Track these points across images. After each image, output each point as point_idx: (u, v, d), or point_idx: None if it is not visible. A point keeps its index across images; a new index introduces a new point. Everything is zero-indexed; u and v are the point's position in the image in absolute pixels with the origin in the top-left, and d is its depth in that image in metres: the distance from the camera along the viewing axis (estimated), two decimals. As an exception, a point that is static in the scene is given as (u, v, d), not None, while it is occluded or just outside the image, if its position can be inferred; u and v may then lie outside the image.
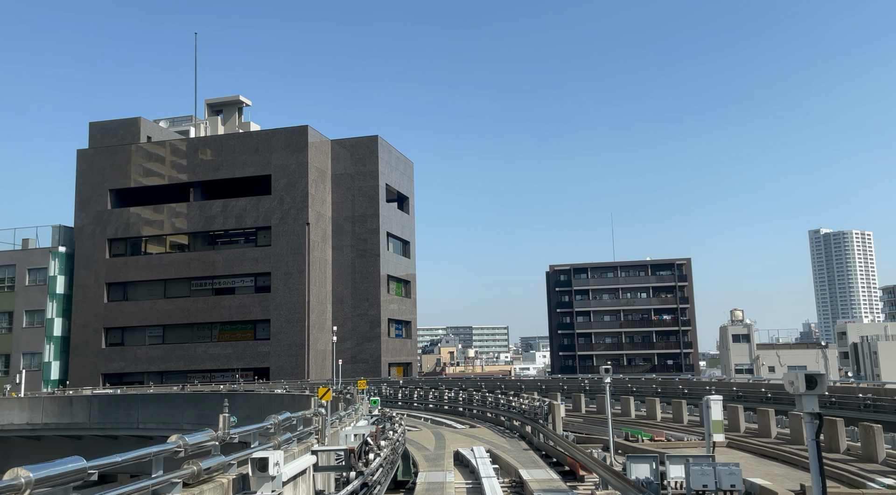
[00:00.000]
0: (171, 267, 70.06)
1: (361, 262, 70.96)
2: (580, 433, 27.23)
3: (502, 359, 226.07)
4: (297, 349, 66.17)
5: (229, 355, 67.68)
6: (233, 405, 39.98)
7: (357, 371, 68.84)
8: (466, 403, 36.31)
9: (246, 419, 36.22)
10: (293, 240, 67.47)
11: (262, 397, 36.11)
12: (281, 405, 33.87)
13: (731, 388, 38.76)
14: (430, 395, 41.05)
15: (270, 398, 35.30)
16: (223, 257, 69.10)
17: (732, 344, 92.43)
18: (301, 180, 68.14)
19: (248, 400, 36.92)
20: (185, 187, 71.78)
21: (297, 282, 66.85)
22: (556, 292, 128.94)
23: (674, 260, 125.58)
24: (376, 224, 71.34)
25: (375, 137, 72.86)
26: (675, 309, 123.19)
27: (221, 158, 70.44)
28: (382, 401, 47.00)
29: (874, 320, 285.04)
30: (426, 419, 35.79)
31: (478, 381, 50.09)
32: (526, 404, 26.33)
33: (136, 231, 71.25)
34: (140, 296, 70.82)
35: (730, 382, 41.03)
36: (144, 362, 69.35)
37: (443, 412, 38.85)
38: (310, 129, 69.30)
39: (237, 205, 69.52)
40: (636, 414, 37.58)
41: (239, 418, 33.67)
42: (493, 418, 33.16)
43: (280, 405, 33.99)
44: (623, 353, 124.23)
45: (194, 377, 68.62)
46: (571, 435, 20.47)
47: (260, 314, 67.61)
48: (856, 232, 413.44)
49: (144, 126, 75.13)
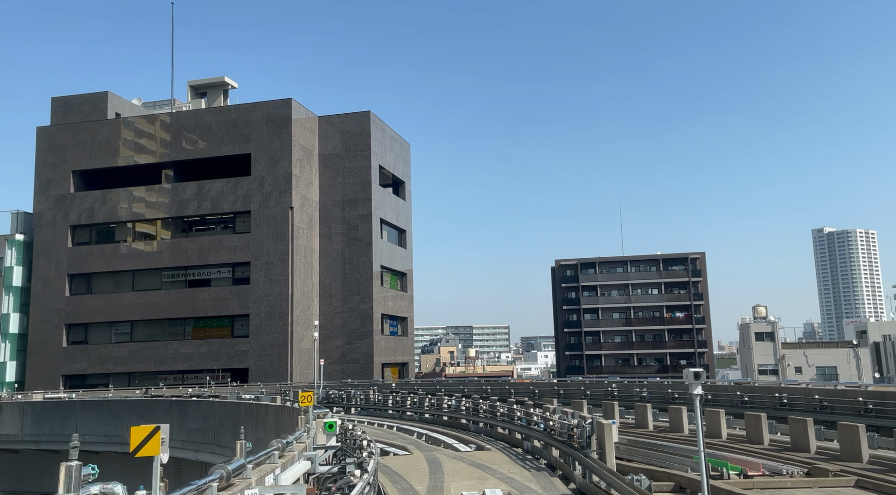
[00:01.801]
0: (140, 256, 62.99)
1: (352, 251, 63.93)
2: (619, 458, 20.22)
3: (503, 358, 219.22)
4: (278, 348, 59.14)
5: (204, 354, 60.64)
6: (184, 415, 33.22)
7: (347, 372, 61.91)
8: (471, 414, 29.34)
9: (198, 433, 29.13)
10: (275, 226, 60.44)
11: (217, 406, 29.09)
12: (237, 417, 26.96)
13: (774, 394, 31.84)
14: (426, 403, 33.92)
15: (226, 407, 28.28)
16: (197, 245, 62.06)
17: (755, 342, 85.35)
18: (284, 159, 61.08)
19: (201, 410, 29.90)
20: (156, 168, 64.73)
21: (280, 273, 59.81)
22: (563, 288, 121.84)
23: (687, 254, 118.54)
24: (368, 209, 64.29)
25: (367, 113, 65.80)
26: (688, 305, 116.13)
27: (196, 136, 63.39)
28: (370, 409, 39.99)
29: (878, 319, 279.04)
30: (420, 435, 28.76)
31: (482, 385, 43.05)
32: (555, 420, 19.31)
33: (101, 217, 64.17)
34: (106, 289, 63.77)
35: (780, 387, 34.01)
36: (110, 362, 62.29)
37: (442, 425, 31.87)
38: (294, 103, 62.22)
39: (213, 188, 62.45)
40: (654, 426, 30.63)
41: (190, 431, 26.06)
42: (505, 435, 26.12)
43: (236, 417, 27.07)
44: (633, 353, 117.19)
45: (165, 378, 61.70)
46: (645, 480, 13.48)
47: (238, 308, 60.57)
48: (860, 230, 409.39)
49: (113, 101, 68.03)
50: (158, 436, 8.14)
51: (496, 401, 28.07)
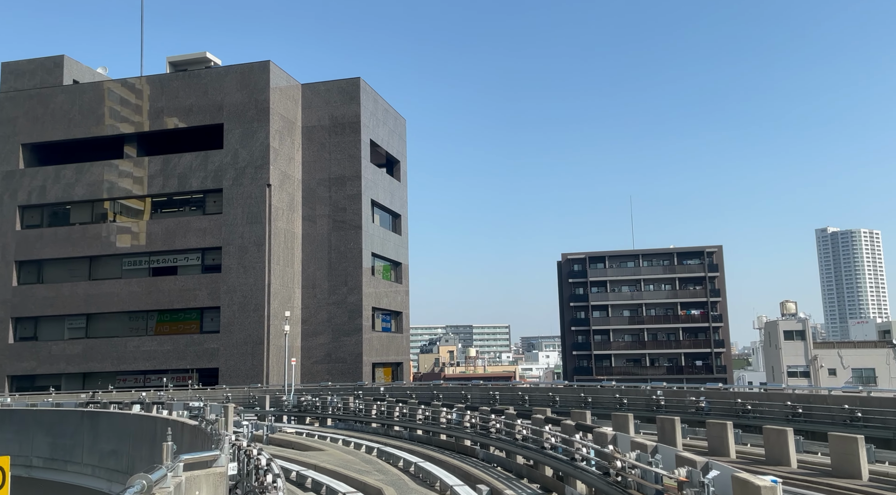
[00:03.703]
0: (97, 240, 55.35)
1: (339, 236, 56.30)
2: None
3: (505, 359, 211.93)
4: (253, 346, 51.51)
5: (168, 352, 53.01)
6: (96, 432, 25.45)
7: (333, 373, 54.36)
8: (478, 432, 21.62)
9: (111, 456, 21.39)
10: (250, 207, 52.83)
11: (132, 422, 21.41)
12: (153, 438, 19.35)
13: (847, 406, 24.39)
14: (419, 415, 26.08)
15: (143, 424, 20.61)
16: (162, 228, 54.43)
17: (784, 341, 77.66)
18: (261, 130, 53.44)
19: (115, 425, 22.24)
20: (117, 141, 57.06)
21: (255, 260, 52.21)
22: (570, 284, 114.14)
23: (703, 247, 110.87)
24: (358, 188, 56.64)
25: (357, 80, 58.12)
26: (704, 302, 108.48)
27: (162, 104, 55.73)
28: (350, 420, 31.97)
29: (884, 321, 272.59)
30: (407, 464, 20.84)
31: (489, 390, 35.26)
32: (627, 461, 11.52)
33: (54, 196, 56.53)
34: (59, 278, 56.15)
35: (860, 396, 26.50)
36: (62, 361, 54.64)
37: (438, 446, 24.09)
38: (273, 67, 54.56)
39: (180, 163, 54.80)
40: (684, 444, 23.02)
41: (103, 454, 17.52)
42: (531, 467, 18.28)
43: (153, 438, 19.46)
44: (645, 353, 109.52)
45: (124, 380, 54.12)
46: None
47: (208, 300, 52.96)
48: (864, 230, 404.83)
49: (70, 67, 60.30)
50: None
51: (514, 416, 20.39)
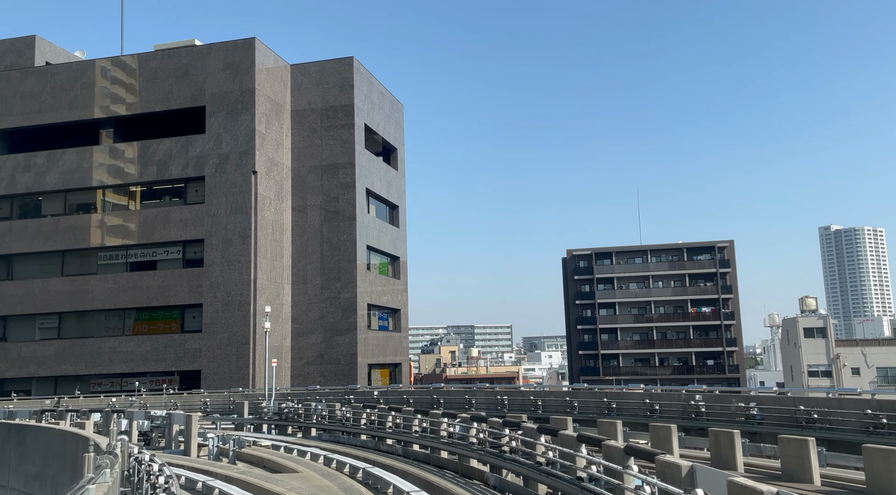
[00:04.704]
0: (70, 233, 51.30)
1: (332, 228, 52.23)
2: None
3: (507, 359, 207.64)
4: (238, 346, 47.46)
5: (147, 354, 48.95)
6: (22, 450, 20.70)
7: (325, 375, 50.36)
8: (488, 451, 17.50)
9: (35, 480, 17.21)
10: (235, 196, 48.78)
11: (56, 438, 17.36)
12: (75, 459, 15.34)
13: None
14: (415, 427, 21.88)
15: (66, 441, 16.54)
16: (140, 220, 50.39)
17: (804, 339, 73.57)
18: (246, 113, 49.38)
19: (41, 442, 18.14)
20: (92, 126, 53.04)
21: (241, 253, 48.15)
22: (575, 281, 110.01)
23: (714, 242, 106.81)
24: (352, 176, 52.57)
25: (350, 60, 54.05)
26: (715, 299, 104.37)
27: (140, 85, 51.68)
28: (335, 431, 27.75)
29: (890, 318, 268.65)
30: (398, 492, 16.69)
31: (496, 394, 31.07)
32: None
33: (24, 186, 52.52)
34: (29, 274, 52.13)
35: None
36: (32, 364, 50.59)
37: (437, 465, 19.88)
38: (259, 44, 50.48)
39: (159, 149, 50.74)
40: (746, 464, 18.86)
41: (28, 477, 13.39)
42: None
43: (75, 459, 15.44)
44: (654, 352, 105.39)
45: (99, 383, 50.11)
46: None
47: (189, 297, 48.90)
48: (867, 228, 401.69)
49: (42, 48, 56.29)
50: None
51: (535, 433, 16.24)
